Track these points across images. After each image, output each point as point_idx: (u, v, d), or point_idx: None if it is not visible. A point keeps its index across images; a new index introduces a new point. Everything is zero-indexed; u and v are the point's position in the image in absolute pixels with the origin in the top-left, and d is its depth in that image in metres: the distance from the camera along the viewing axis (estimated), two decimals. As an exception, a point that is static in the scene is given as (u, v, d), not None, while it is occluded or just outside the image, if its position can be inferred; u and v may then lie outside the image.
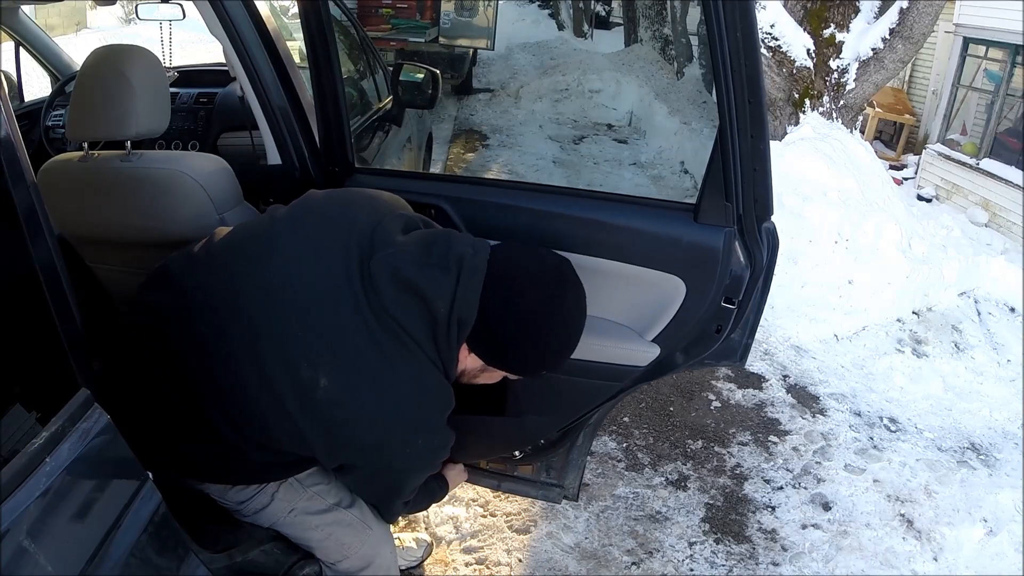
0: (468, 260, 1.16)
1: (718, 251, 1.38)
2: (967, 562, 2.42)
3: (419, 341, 1.16)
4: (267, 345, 1.15)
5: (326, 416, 1.15)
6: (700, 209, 1.39)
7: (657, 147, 7.40)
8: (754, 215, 1.35)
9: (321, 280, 1.16)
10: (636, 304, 1.51)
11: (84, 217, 1.66)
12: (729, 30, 1.19)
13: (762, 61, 1.25)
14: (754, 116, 1.25)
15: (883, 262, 4.06)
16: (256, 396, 1.16)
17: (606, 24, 14.76)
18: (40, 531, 0.81)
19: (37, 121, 2.64)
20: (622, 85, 9.01)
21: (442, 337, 1.17)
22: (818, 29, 5.27)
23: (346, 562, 1.44)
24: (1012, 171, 7.04)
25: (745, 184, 1.32)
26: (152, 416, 1.22)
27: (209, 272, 1.25)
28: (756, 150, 1.28)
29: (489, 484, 1.94)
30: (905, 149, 9.61)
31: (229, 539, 1.34)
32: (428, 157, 4.40)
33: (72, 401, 0.91)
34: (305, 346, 1.14)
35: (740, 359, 1.54)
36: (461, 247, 1.18)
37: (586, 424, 1.77)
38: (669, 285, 1.46)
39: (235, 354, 1.17)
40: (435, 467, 1.31)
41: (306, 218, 1.25)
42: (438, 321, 1.15)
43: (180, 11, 2.63)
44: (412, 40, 8.12)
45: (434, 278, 1.14)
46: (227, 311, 1.19)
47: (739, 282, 1.41)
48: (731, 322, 1.46)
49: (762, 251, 1.39)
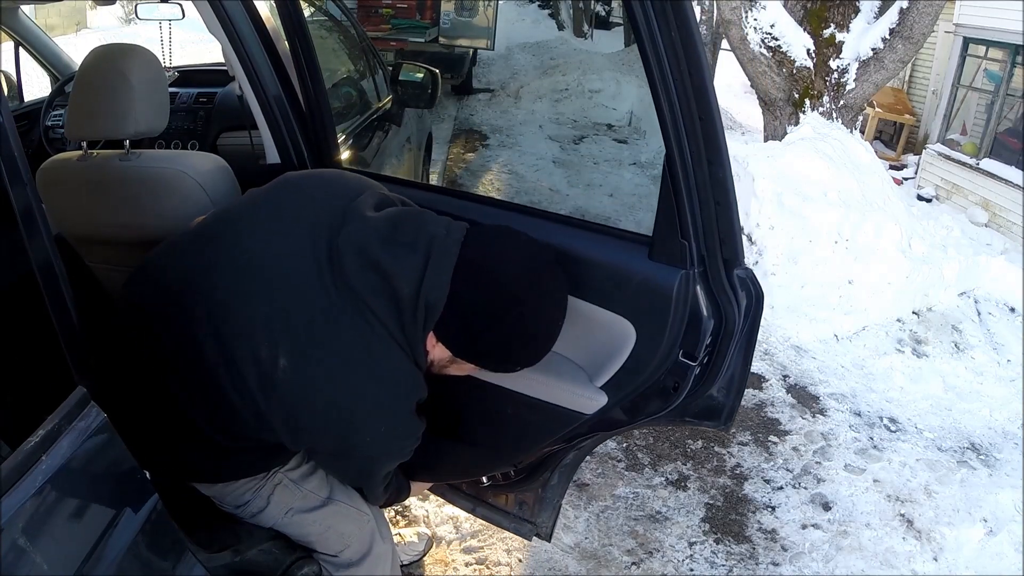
0: (439, 241, 1.10)
1: (670, 295, 1.17)
2: (967, 562, 2.42)
3: (384, 322, 1.10)
4: (233, 324, 1.13)
5: (285, 397, 1.11)
6: (654, 245, 1.19)
7: (657, 147, 7.36)
8: (720, 258, 1.15)
9: (288, 256, 1.13)
10: (588, 344, 1.32)
11: (83, 216, 1.66)
12: (662, 31, 1.00)
13: (708, 66, 1.02)
14: (708, 137, 1.05)
15: (883, 262, 4.06)
16: (222, 378, 1.14)
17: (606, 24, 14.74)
18: (36, 529, 0.80)
19: (37, 121, 2.64)
20: (622, 85, 9.00)
21: (408, 318, 1.10)
22: (818, 29, 5.27)
23: (347, 551, 1.44)
24: (1012, 171, 7.05)
25: (705, 220, 1.12)
26: (140, 415, 1.22)
27: (184, 257, 1.24)
28: (715, 179, 1.07)
29: (464, 506, 1.86)
30: (905, 149, 9.62)
31: (227, 538, 1.33)
32: (428, 157, 4.40)
33: (69, 399, 0.91)
34: (267, 324, 1.11)
35: (725, 422, 1.33)
36: (433, 227, 1.12)
37: (559, 463, 1.62)
38: (618, 328, 1.26)
39: (203, 336, 1.14)
40: (404, 455, 1.22)
41: (280, 195, 1.22)
42: (403, 302, 1.09)
43: (179, 11, 2.64)
44: (412, 40, 8.13)
45: (400, 257, 1.08)
46: (199, 294, 1.17)
47: (700, 335, 1.19)
48: (691, 381, 1.24)
49: (733, 302, 1.17)
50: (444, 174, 6.29)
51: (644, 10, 1.00)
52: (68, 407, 0.90)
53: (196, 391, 1.18)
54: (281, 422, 1.15)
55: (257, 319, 1.12)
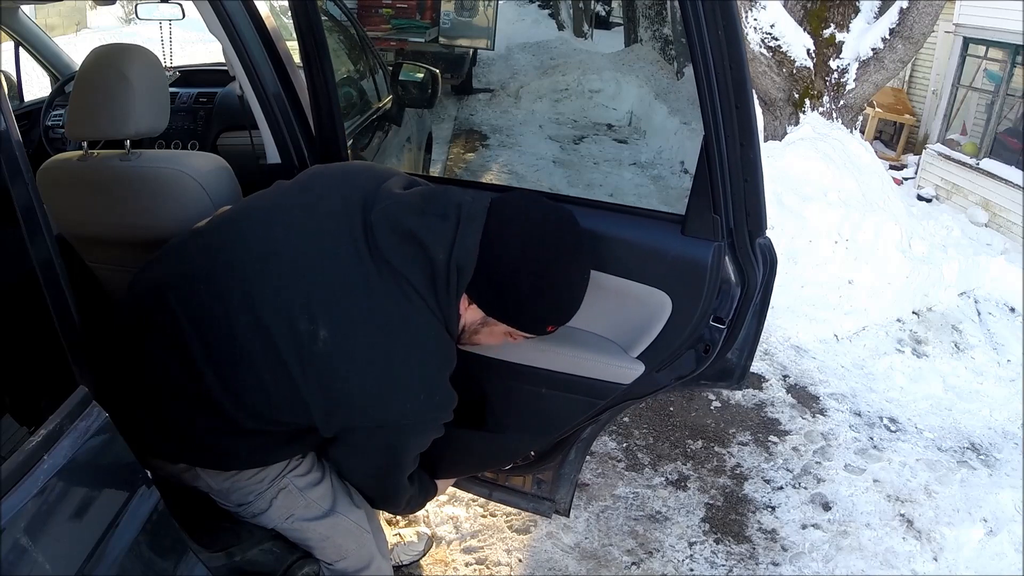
0: (467, 207, 1.16)
1: (705, 266, 1.30)
2: (967, 562, 2.42)
3: (420, 291, 1.15)
4: (271, 301, 1.15)
5: (324, 369, 1.14)
6: (688, 221, 1.32)
7: (657, 147, 7.39)
8: (746, 229, 1.27)
9: (324, 234, 1.17)
10: (621, 318, 1.43)
11: (83, 216, 1.66)
12: (710, 28, 1.12)
13: (748, 62, 1.16)
14: (742, 123, 1.17)
15: (883, 262, 4.06)
16: (252, 349, 1.15)
17: (606, 24, 14.75)
18: (38, 529, 0.81)
19: (37, 121, 2.64)
20: (622, 85, 9.00)
21: (441, 285, 1.15)
22: (818, 29, 5.27)
23: (344, 562, 1.44)
24: (1012, 171, 7.04)
25: (735, 196, 1.24)
26: (150, 397, 1.21)
27: (212, 236, 1.27)
28: (746, 159, 1.20)
29: (480, 492, 1.89)
30: (905, 149, 9.61)
31: (228, 538, 1.33)
32: (428, 157, 4.40)
33: (70, 399, 0.91)
34: (306, 298, 1.14)
35: (738, 381, 1.46)
36: (460, 197, 1.19)
37: (578, 439, 1.69)
38: (654, 300, 1.37)
39: (236, 314, 1.16)
40: (438, 430, 1.25)
41: (310, 181, 1.28)
42: (437, 268, 1.14)
43: (180, 11, 2.64)
44: (412, 40, 8.13)
45: (431, 226, 1.14)
46: (227, 271, 1.19)
47: (729, 300, 1.33)
48: (721, 343, 1.37)
49: (756, 268, 1.30)
50: (444, 174, 6.29)
51: (695, 7, 1.11)
52: (69, 407, 0.90)
53: (226, 369, 1.18)
54: (320, 397, 1.16)
55: (296, 295, 1.15)
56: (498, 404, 1.58)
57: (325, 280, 1.15)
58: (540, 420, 1.58)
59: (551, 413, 1.56)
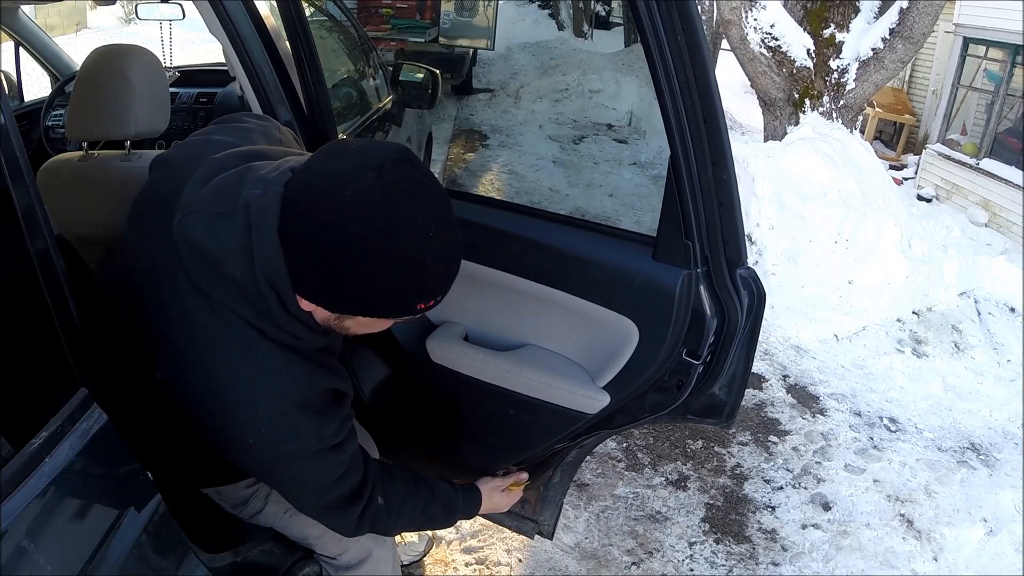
0: (256, 202, 0.91)
1: (673, 295, 1.19)
2: (967, 562, 2.42)
3: (239, 313, 0.96)
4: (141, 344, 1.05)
5: (180, 417, 1.04)
6: (658, 246, 1.20)
7: (657, 147, 7.39)
8: (723, 258, 1.15)
9: (150, 257, 1.04)
10: (591, 343, 1.33)
11: (84, 217, 1.65)
12: (668, 35, 1.01)
13: (713, 69, 1.05)
14: (712, 140, 1.06)
15: (883, 262, 4.06)
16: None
17: (606, 24, 14.75)
18: (39, 531, 0.81)
19: (37, 121, 2.64)
20: (622, 85, 9.00)
21: (259, 301, 0.94)
22: (818, 29, 5.27)
23: (346, 555, 1.43)
24: (1012, 171, 7.05)
25: (709, 221, 1.13)
26: (137, 415, 1.20)
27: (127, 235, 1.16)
28: (719, 180, 1.09)
29: None
30: (905, 149, 9.62)
31: (228, 539, 1.33)
32: (428, 157, 4.40)
33: (71, 401, 0.91)
34: (149, 344, 1.03)
35: (726, 420, 1.33)
36: (250, 188, 0.93)
37: (562, 462, 1.62)
38: (622, 327, 1.27)
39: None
40: (322, 463, 1.05)
41: (159, 178, 1.12)
42: (245, 288, 0.94)
43: (180, 11, 2.64)
44: (412, 40, 8.13)
45: (222, 235, 0.93)
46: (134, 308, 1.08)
47: (703, 335, 1.21)
48: (694, 380, 1.26)
49: (736, 302, 1.18)
50: (444, 174, 6.29)
51: (649, 12, 1.00)
52: (70, 409, 0.90)
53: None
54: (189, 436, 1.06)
55: (143, 341, 1.03)
56: (470, 419, 1.53)
57: (152, 321, 1.03)
58: (509, 440, 1.51)
59: (519, 435, 1.48)
